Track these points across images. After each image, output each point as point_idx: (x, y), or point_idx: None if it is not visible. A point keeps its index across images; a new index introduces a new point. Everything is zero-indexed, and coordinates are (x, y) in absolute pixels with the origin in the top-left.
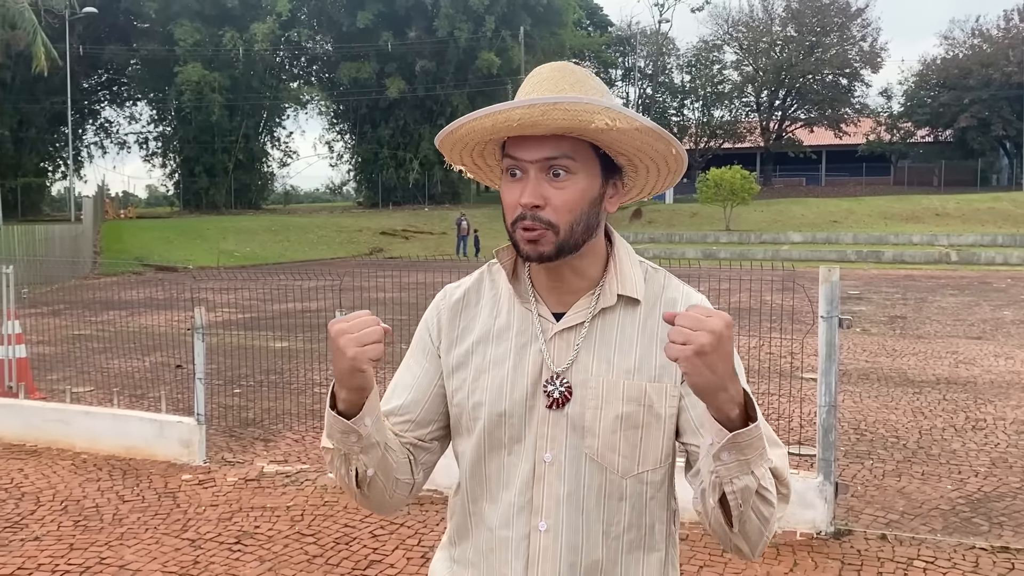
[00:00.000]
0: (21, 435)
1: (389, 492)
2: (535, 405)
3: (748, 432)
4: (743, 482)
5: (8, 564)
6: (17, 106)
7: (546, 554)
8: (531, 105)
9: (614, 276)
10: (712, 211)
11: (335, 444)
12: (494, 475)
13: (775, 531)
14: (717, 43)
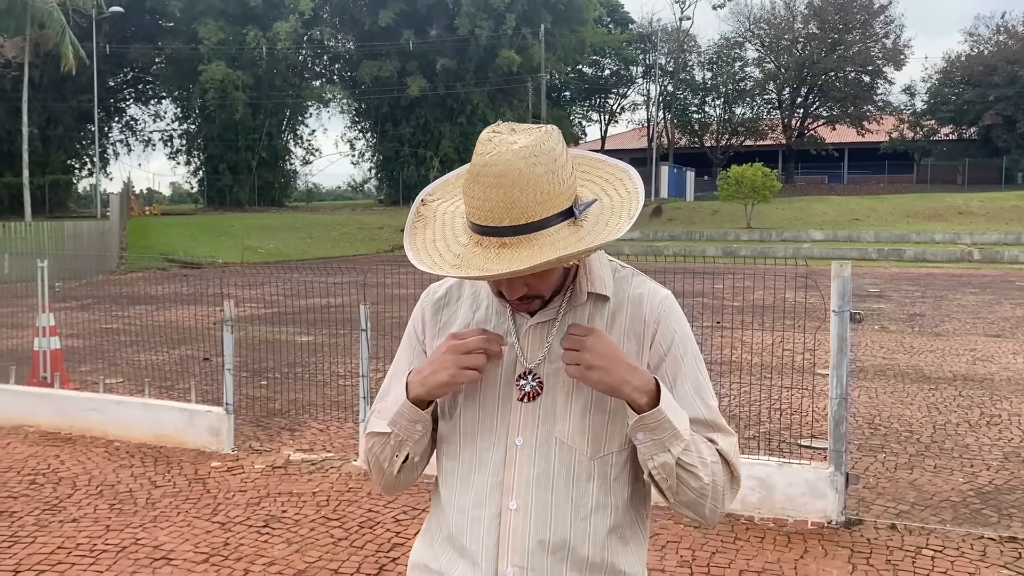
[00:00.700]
0: (57, 423)
1: (415, 475)
2: (509, 395)
3: (652, 415)
4: (661, 459)
5: (49, 544)
6: (45, 104)
7: (516, 532)
8: (495, 274)
9: (584, 276)
10: (733, 209)
11: (396, 430)
12: (468, 459)
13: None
14: (739, 40)
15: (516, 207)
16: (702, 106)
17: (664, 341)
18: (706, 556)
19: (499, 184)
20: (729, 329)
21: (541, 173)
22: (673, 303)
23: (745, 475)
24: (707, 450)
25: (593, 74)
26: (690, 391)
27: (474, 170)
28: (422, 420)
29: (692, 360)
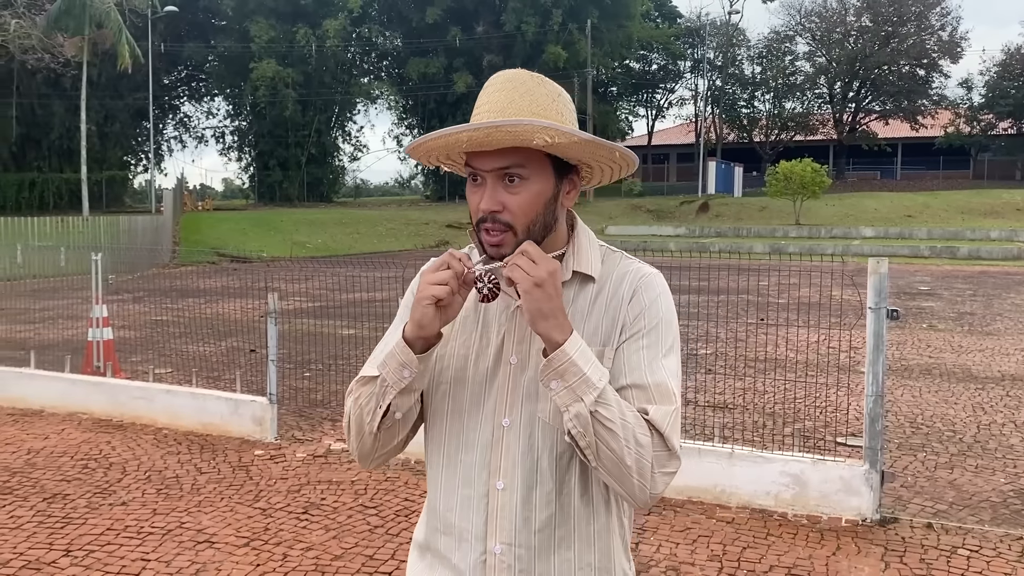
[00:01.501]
0: (109, 411)
1: (396, 442)
2: (496, 373)
3: (558, 356)
4: (575, 409)
5: (99, 525)
6: (103, 102)
7: (504, 511)
8: (475, 129)
9: (571, 255)
10: (782, 205)
11: (384, 374)
12: (455, 439)
13: (657, 482)
14: (789, 34)
15: (512, 107)
16: (751, 101)
17: (633, 311)
18: (737, 551)
19: (504, 88)
20: (773, 326)
21: (545, 93)
22: (654, 280)
23: (778, 471)
24: (631, 415)
25: (640, 69)
26: (641, 358)
27: (485, 85)
28: (410, 365)
29: (658, 334)
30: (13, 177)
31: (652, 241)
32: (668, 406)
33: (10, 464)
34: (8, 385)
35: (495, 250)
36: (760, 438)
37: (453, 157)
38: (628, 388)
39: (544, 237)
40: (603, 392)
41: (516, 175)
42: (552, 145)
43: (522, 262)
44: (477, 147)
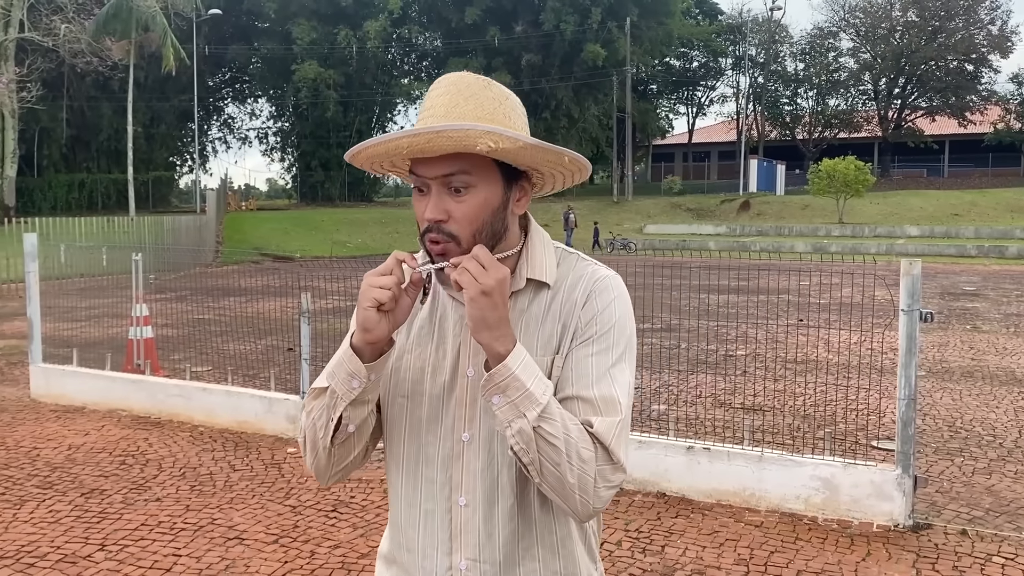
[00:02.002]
0: (147, 408)
1: (353, 456)
2: (454, 387)
3: (499, 371)
4: (518, 424)
5: (133, 520)
6: (149, 104)
7: (467, 526)
8: (416, 134)
9: (525, 262)
10: (824, 203)
11: (334, 385)
12: (414, 453)
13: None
14: (832, 29)
15: (456, 111)
16: (794, 98)
17: (585, 316)
18: (764, 555)
19: (448, 91)
20: (812, 327)
21: (491, 97)
22: (609, 283)
23: (809, 475)
24: (576, 429)
25: (681, 67)
26: (589, 366)
27: (430, 88)
28: (359, 375)
29: (610, 340)
30: (64, 178)
31: (691, 240)
32: (613, 417)
33: (51, 459)
34: (52, 382)
35: (440, 260)
36: (793, 441)
37: (399, 165)
38: (573, 398)
39: (494, 245)
40: (547, 407)
41: (461, 183)
42: (497, 151)
43: (472, 267)
44: (419, 154)
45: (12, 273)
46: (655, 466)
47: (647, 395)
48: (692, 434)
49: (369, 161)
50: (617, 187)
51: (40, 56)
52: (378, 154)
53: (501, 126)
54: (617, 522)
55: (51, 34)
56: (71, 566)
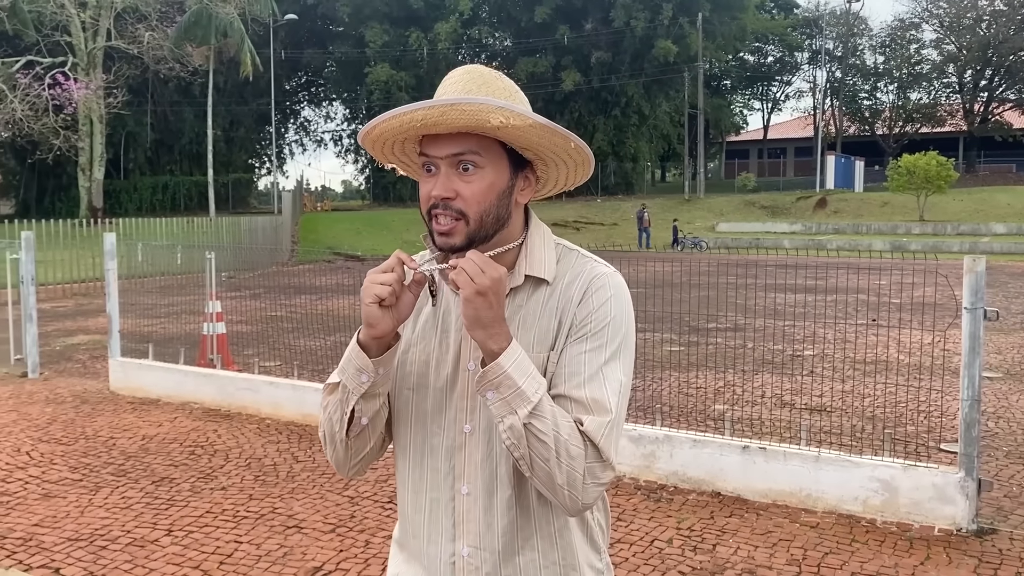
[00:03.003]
0: (218, 401)
1: (369, 447)
2: (456, 380)
3: (493, 369)
4: (509, 421)
5: (199, 508)
6: (228, 108)
7: (469, 515)
8: (431, 107)
9: (524, 258)
10: (905, 200)
11: (344, 380)
12: (420, 443)
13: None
14: (915, 21)
15: (471, 95)
16: (873, 92)
17: (581, 312)
18: (818, 556)
19: (461, 80)
20: (884, 327)
21: (503, 87)
22: (608, 280)
23: (867, 476)
24: (566, 427)
25: (755, 61)
26: (582, 363)
27: (444, 78)
28: (367, 369)
29: (604, 337)
30: (148, 180)
31: (765, 238)
32: (604, 417)
33: (126, 449)
34: (129, 375)
35: (444, 239)
36: (857, 442)
37: (408, 152)
38: (564, 396)
39: (496, 231)
40: (538, 405)
41: (470, 162)
42: (507, 127)
43: (468, 267)
44: (432, 128)
45: (99, 272)
46: (710, 465)
47: (708, 394)
48: (752, 434)
49: (381, 142)
50: (689, 185)
51: (126, 63)
52: (391, 129)
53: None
54: (670, 520)
55: (136, 42)
56: (139, 550)
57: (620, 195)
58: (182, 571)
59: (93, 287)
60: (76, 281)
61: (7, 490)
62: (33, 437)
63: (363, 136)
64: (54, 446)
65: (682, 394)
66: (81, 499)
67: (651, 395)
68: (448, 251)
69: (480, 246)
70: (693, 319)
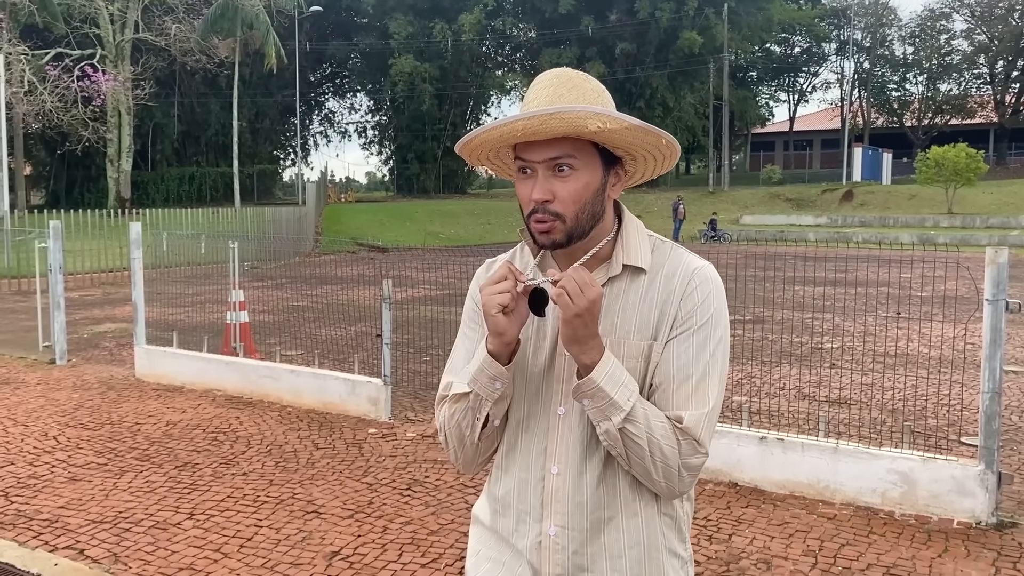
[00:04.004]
0: (240, 388)
1: (495, 444)
2: (553, 364)
3: (586, 383)
4: (605, 426)
5: (220, 492)
6: (254, 100)
7: (558, 494)
8: (531, 117)
9: (621, 248)
10: (933, 193)
11: (477, 389)
12: (515, 425)
13: (683, 481)
14: (945, 11)
15: (561, 101)
16: (902, 83)
17: (685, 306)
18: (834, 547)
19: (551, 84)
20: (907, 320)
21: (591, 89)
22: (707, 274)
23: (886, 468)
24: (659, 428)
25: (782, 52)
26: (689, 358)
27: (532, 84)
28: (501, 377)
29: (708, 331)
30: (175, 171)
31: (790, 231)
32: (702, 409)
33: (150, 434)
34: (154, 362)
35: (545, 237)
36: (877, 435)
37: (502, 156)
38: (668, 388)
39: (592, 227)
40: (631, 412)
41: (566, 164)
42: (604, 132)
43: (569, 287)
44: (531, 136)
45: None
46: (727, 456)
47: (728, 386)
48: (770, 425)
49: (477, 150)
50: (713, 177)
51: (153, 55)
52: (492, 139)
53: (602, 109)
54: None
55: (163, 34)
56: (162, 532)
57: (644, 187)
58: (203, 554)
59: (120, 276)
60: (103, 270)
61: (35, 473)
62: (60, 422)
63: (461, 146)
64: (80, 431)
65: None
66: (106, 483)
67: None
68: (549, 248)
69: (579, 242)
70: None
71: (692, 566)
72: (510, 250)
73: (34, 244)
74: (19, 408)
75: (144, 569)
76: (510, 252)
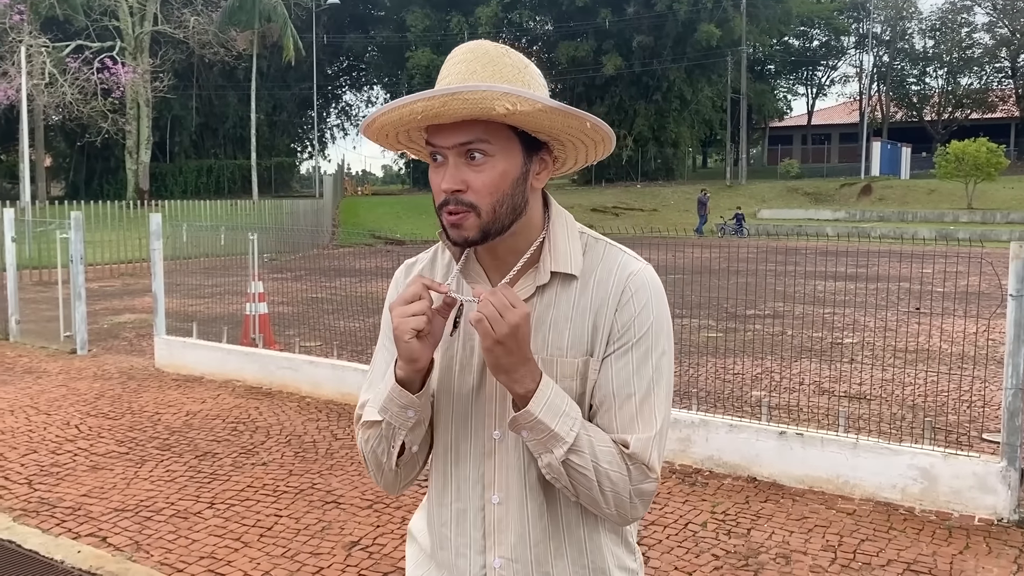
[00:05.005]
0: (259, 379)
1: (419, 465)
2: (483, 384)
3: (523, 415)
4: (546, 460)
5: (240, 482)
6: (272, 92)
7: (501, 525)
8: (431, 97)
9: (548, 253)
10: (953, 188)
11: (388, 419)
12: (443, 451)
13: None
14: (966, 4)
15: (475, 78)
16: (922, 77)
17: (622, 318)
18: (854, 543)
19: (464, 60)
20: (927, 316)
21: (511, 64)
22: (643, 278)
23: (906, 464)
24: (605, 455)
25: (800, 46)
26: (629, 375)
27: (447, 58)
28: (413, 405)
29: (648, 343)
30: (193, 164)
31: (807, 225)
32: (649, 431)
33: (171, 424)
34: (174, 353)
35: (456, 232)
36: (897, 430)
37: (414, 138)
38: (609, 409)
39: (513, 220)
40: (574, 443)
41: (479, 151)
42: (515, 114)
43: (488, 312)
44: (433, 119)
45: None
46: (746, 450)
47: (746, 381)
48: (789, 420)
49: (384, 132)
50: (730, 171)
51: (172, 48)
52: (392, 122)
53: (522, 89)
54: (704, 504)
55: (182, 26)
56: (183, 521)
57: (660, 181)
58: (223, 543)
59: (139, 267)
60: (123, 261)
61: (57, 461)
62: (82, 411)
63: (364, 128)
64: (102, 420)
65: (719, 380)
66: (127, 471)
67: (688, 380)
68: (462, 245)
69: (498, 238)
70: (732, 305)
71: (643, 570)
72: (430, 248)
73: (55, 235)
74: (41, 397)
75: (165, 557)
76: (429, 251)
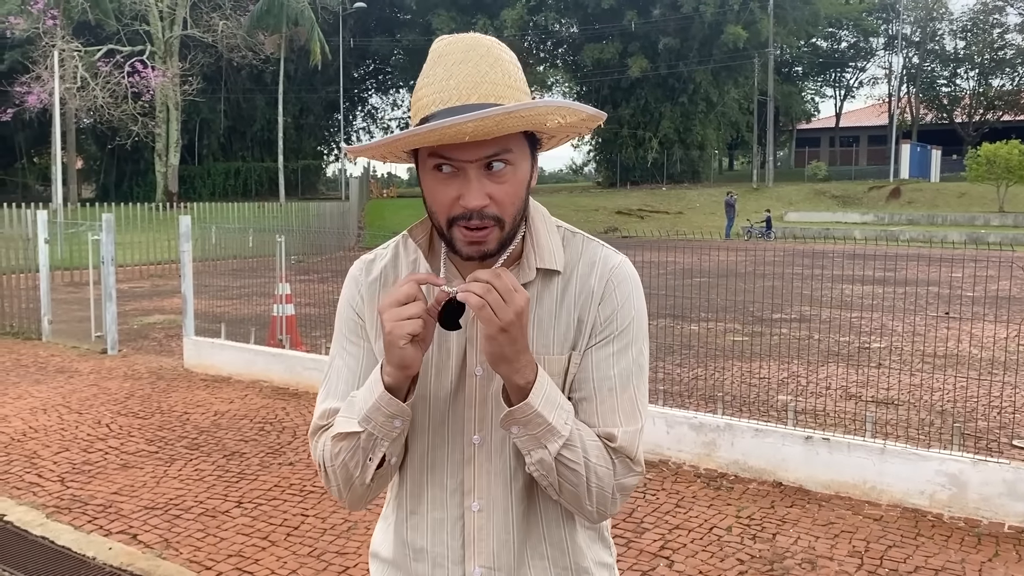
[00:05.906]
0: (286, 379)
1: (388, 481)
2: (461, 386)
3: (521, 409)
4: (538, 455)
5: (268, 481)
6: (299, 95)
7: (481, 533)
8: (483, 117)
9: (531, 249)
10: (984, 191)
11: (371, 429)
12: (418, 458)
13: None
14: (999, 4)
15: (486, 82)
16: (952, 78)
17: (604, 311)
18: (881, 549)
19: (467, 59)
20: (957, 320)
21: (508, 59)
22: (625, 271)
23: (934, 470)
24: (594, 450)
25: (828, 47)
26: (611, 367)
27: (435, 54)
28: (402, 414)
29: (629, 336)
30: (221, 166)
31: (835, 228)
32: (635, 424)
33: (199, 424)
34: (203, 353)
35: (475, 248)
36: (925, 436)
37: (396, 151)
38: (593, 404)
39: (519, 226)
40: (569, 437)
41: (504, 160)
42: (564, 126)
43: (491, 298)
44: (483, 136)
45: (174, 254)
46: (772, 455)
47: (772, 385)
48: (816, 425)
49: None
50: (757, 173)
51: (201, 51)
52: (429, 141)
53: (525, 91)
54: (729, 508)
55: (211, 30)
56: (211, 519)
57: (686, 183)
58: (251, 541)
59: (168, 268)
60: (152, 263)
61: (89, 459)
62: (112, 410)
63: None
64: (132, 419)
65: (745, 384)
66: (157, 470)
67: (713, 384)
68: (478, 259)
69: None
70: (758, 309)
71: (615, 566)
72: (388, 243)
73: (86, 236)
74: (73, 396)
75: (194, 555)
76: (388, 248)
